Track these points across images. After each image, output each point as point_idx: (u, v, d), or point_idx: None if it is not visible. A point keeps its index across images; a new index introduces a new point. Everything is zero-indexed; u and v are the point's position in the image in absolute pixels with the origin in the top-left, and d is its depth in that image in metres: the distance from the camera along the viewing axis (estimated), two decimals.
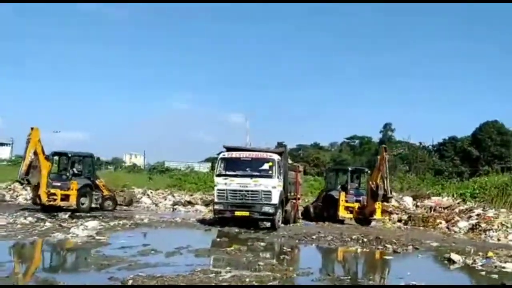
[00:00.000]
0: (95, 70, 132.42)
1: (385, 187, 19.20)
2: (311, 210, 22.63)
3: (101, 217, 18.39)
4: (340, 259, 13.56)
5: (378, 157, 20.38)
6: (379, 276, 9.85)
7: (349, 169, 23.74)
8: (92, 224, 15.69)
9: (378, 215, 20.84)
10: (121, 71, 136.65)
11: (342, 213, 20.80)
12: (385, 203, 21.14)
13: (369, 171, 21.85)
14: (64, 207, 19.59)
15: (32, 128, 18.60)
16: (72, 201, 19.82)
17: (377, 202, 19.86)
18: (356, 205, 20.91)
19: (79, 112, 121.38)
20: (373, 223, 20.98)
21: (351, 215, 21.04)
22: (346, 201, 20.91)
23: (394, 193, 21.82)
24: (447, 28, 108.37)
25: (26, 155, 18.48)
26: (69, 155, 21.18)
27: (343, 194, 21.00)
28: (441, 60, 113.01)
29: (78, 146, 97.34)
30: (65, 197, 19.78)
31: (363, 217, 20.82)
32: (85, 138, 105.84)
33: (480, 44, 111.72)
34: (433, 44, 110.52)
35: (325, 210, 21.57)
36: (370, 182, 20.01)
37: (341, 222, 20.88)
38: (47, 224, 15.39)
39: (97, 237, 13.48)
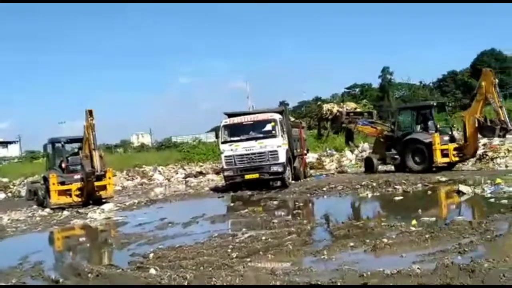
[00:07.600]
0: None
1: (503, 118, 16.07)
2: (374, 161, 20.15)
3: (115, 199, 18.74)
4: (352, 206, 13.78)
5: (483, 83, 16.68)
6: (392, 217, 10.02)
7: (432, 104, 20.64)
8: (108, 206, 16.07)
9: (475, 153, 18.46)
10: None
11: (439, 158, 17.69)
12: (502, 138, 18.42)
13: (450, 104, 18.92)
14: None
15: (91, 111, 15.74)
16: None
17: (493, 137, 17.59)
18: (452, 146, 17.86)
19: (81, 101, 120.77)
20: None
21: (447, 159, 17.89)
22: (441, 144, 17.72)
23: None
24: None
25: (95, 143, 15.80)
26: None
27: (437, 135, 17.81)
28: None
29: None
30: None
31: (462, 159, 18.20)
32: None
33: None
34: None
35: (410, 157, 18.44)
36: (473, 116, 16.88)
37: (433, 171, 17.75)
38: (65, 213, 15.71)
39: (115, 218, 13.86)
